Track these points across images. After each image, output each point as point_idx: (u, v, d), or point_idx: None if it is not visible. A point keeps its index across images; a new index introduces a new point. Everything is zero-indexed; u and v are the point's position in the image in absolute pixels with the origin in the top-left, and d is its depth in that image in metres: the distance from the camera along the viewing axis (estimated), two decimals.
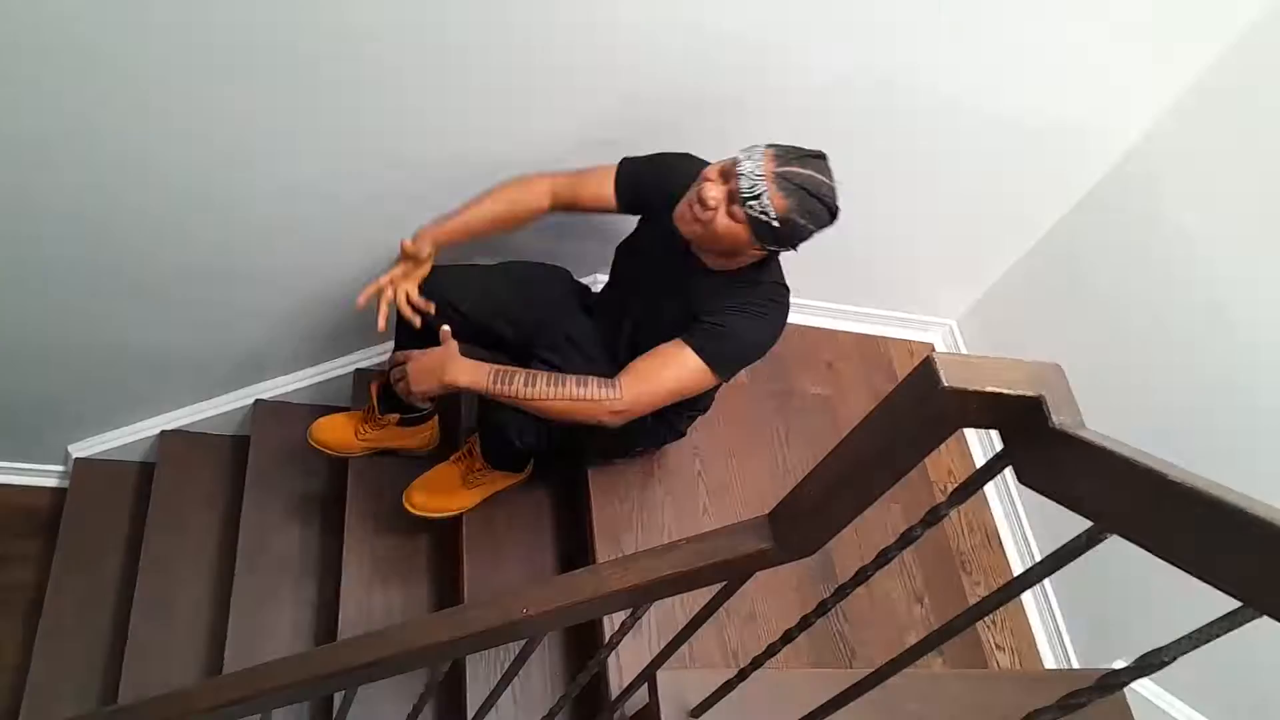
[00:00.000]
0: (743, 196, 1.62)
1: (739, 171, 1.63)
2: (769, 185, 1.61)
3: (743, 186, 1.62)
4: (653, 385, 1.78)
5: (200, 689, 1.57)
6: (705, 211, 1.67)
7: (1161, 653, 0.75)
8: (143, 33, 1.62)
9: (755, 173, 1.61)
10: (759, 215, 1.62)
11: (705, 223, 1.68)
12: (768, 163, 1.62)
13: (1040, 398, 0.75)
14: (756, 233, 1.66)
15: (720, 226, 1.67)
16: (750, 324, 1.80)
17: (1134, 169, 2.26)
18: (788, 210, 1.62)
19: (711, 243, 1.73)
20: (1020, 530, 2.54)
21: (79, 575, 2.67)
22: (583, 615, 1.24)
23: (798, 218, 1.63)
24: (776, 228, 1.64)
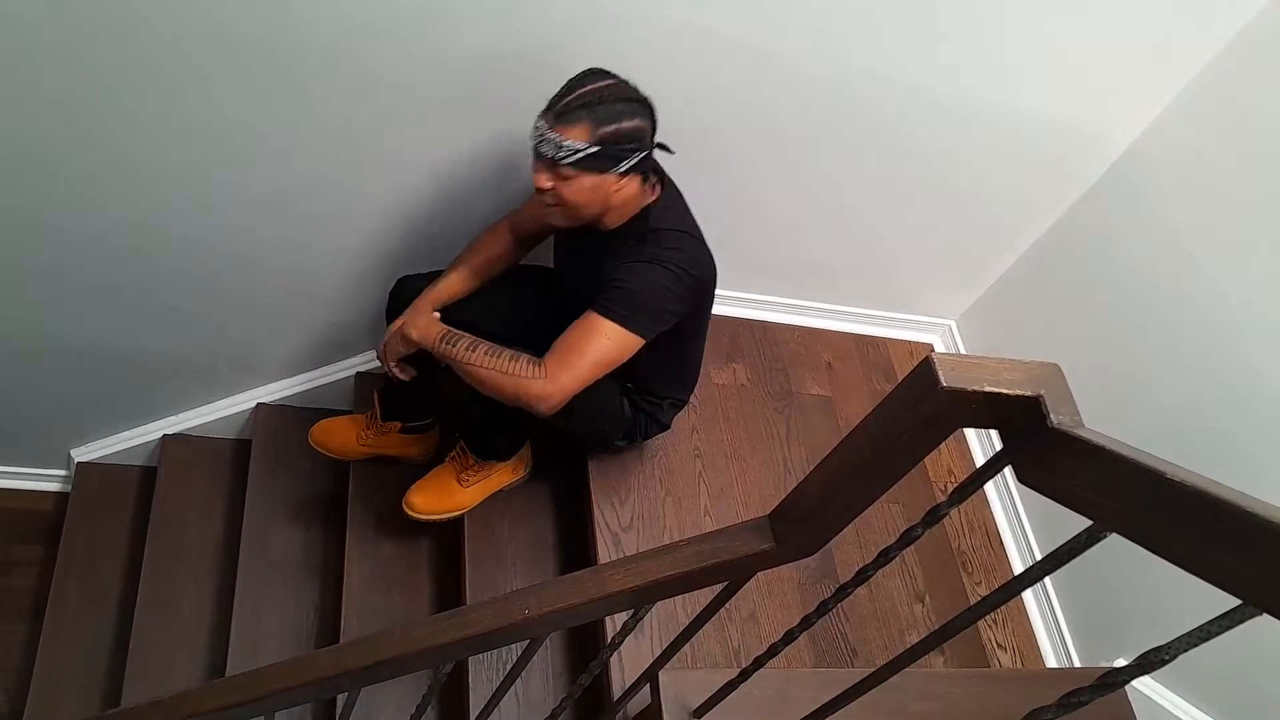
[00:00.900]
0: (551, 159, 1.65)
1: (534, 146, 1.67)
2: (558, 132, 1.63)
3: (545, 152, 1.65)
4: (574, 360, 1.75)
5: (203, 691, 1.57)
6: (550, 196, 1.71)
7: (1162, 651, 0.76)
8: (146, 34, 1.62)
9: (543, 134, 1.64)
10: (577, 157, 1.64)
11: (558, 204, 1.72)
12: (544, 120, 1.65)
13: (1039, 397, 0.76)
14: (598, 170, 1.67)
15: (569, 195, 1.70)
16: (650, 272, 1.77)
17: (1131, 169, 2.26)
18: (590, 131, 1.63)
19: (583, 212, 1.75)
20: (1020, 529, 2.54)
21: (82, 579, 2.67)
22: (584, 616, 1.24)
23: (605, 128, 1.64)
24: (600, 150, 1.64)
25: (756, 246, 2.45)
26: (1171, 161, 2.16)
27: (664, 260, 1.78)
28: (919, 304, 2.83)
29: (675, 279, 1.79)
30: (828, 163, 2.22)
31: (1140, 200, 2.24)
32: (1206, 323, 2.06)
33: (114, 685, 2.47)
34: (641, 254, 1.79)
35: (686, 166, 1.91)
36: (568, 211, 1.74)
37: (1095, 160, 2.31)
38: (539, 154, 1.67)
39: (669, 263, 1.78)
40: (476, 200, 2.14)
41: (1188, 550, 0.67)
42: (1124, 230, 2.29)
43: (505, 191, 2.13)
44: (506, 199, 2.13)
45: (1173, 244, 2.15)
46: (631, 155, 1.69)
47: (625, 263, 1.78)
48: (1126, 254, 2.28)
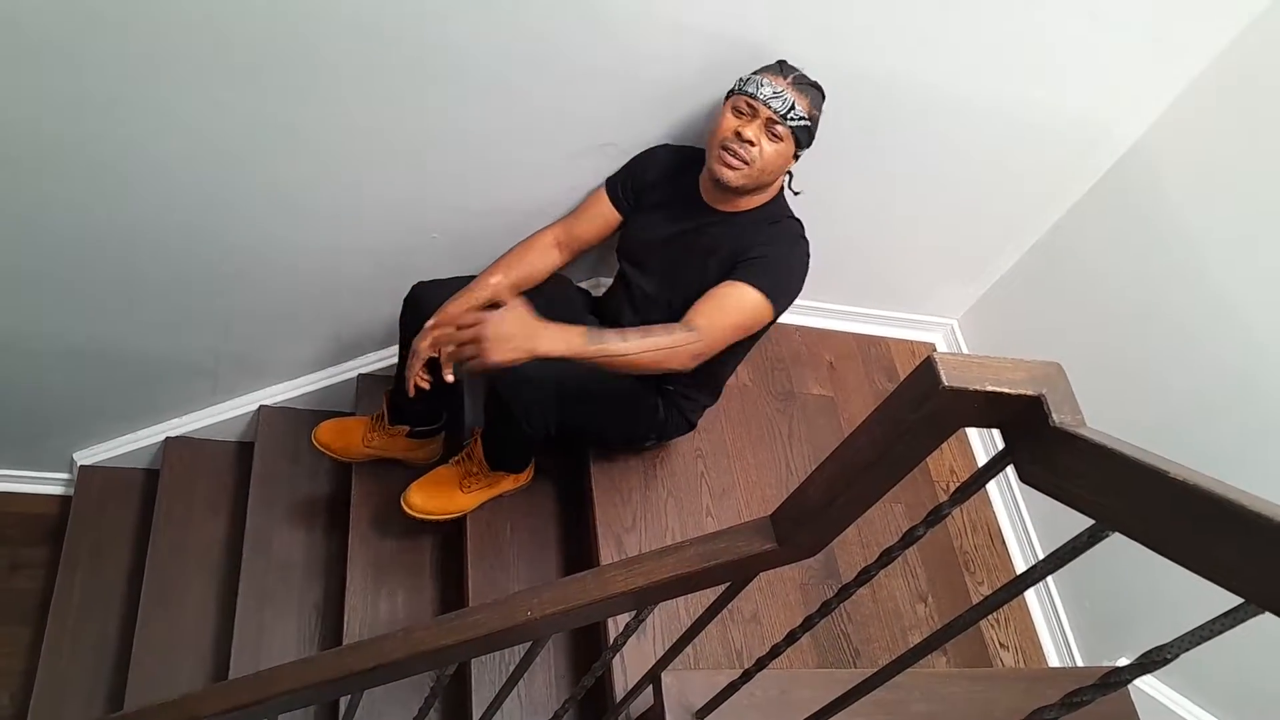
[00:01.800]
0: (784, 115, 1.78)
1: (763, 98, 1.78)
2: (794, 95, 1.79)
3: (778, 108, 1.78)
4: (720, 322, 1.83)
5: (206, 694, 1.57)
6: (751, 149, 1.80)
7: (1164, 650, 0.76)
8: (150, 31, 1.62)
9: (778, 91, 1.78)
10: (800, 124, 1.81)
11: (752, 160, 1.81)
12: (777, 79, 1.79)
13: (1041, 397, 0.76)
14: (799, 144, 1.84)
15: (769, 153, 1.82)
16: (790, 253, 1.92)
17: (1135, 166, 2.26)
18: (810, 106, 1.83)
19: (760, 175, 1.84)
20: (1023, 529, 2.54)
21: (85, 581, 2.67)
22: (587, 617, 1.24)
23: (816, 111, 1.85)
24: (810, 126, 1.84)
25: None
26: (1176, 159, 2.16)
27: (799, 244, 1.94)
28: (921, 303, 2.83)
29: (806, 265, 1.94)
30: (829, 161, 2.21)
31: (1144, 198, 2.23)
32: (1210, 321, 2.06)
33: (117, 688, 2.47)
34: (779, 234, 1.92)
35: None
36: (752, 171, 1.83)
37: (1099, 158, 2.30)
38: (764, 107, 1.77)
39: (801, 247, 1.95)
40: (488, 206, 2.14)
41: (1190, 549, 0.67)
42: (1128, 228, 2.29)
43: (515, 196, 2.13)
44: (518, 204, 2.14)
45: (1177, 242, 2.14)
46: (808, 145, 1.88)
47: (766, 240, 1.90)
48: (1130, 252, 2.28)
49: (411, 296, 2.09)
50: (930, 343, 2.93)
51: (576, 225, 2.11)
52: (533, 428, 1.91)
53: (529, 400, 1.88)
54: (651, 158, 2.06)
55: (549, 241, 2.10)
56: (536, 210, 2.16)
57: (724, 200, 1.94)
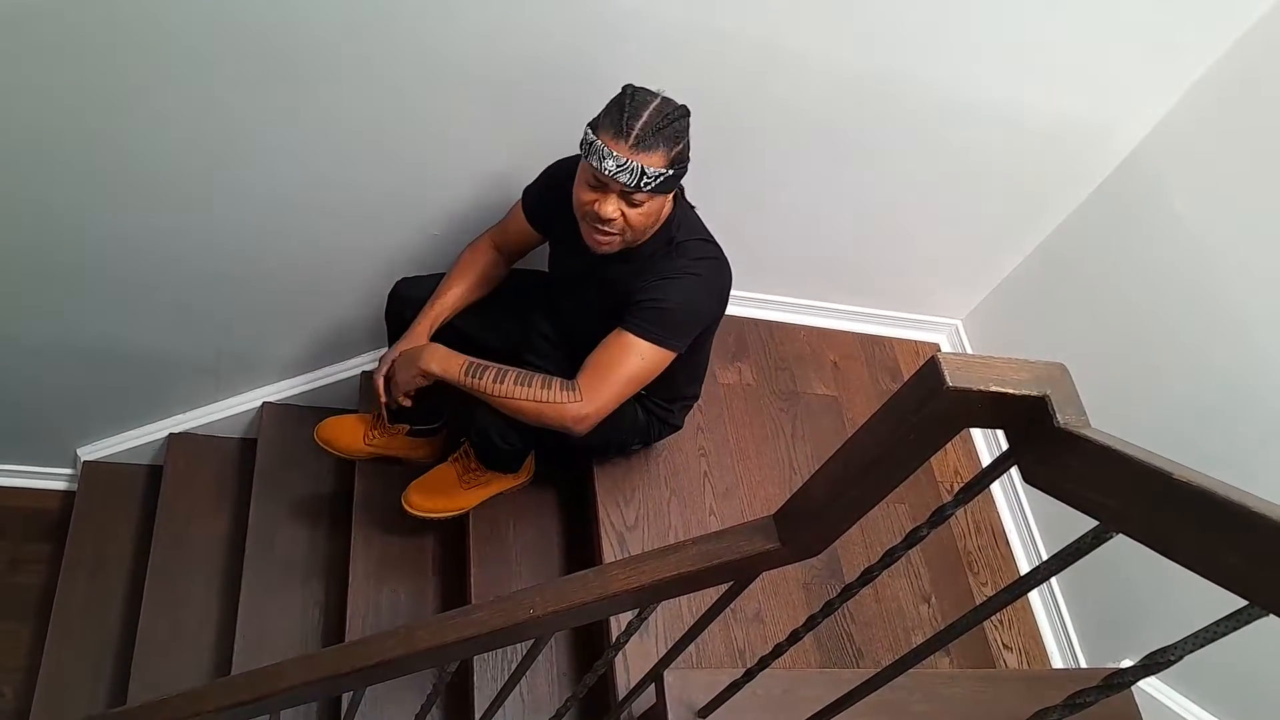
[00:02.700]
0: (632, 187, 1.63)
1: (608, 172, 1.61)
2: (639, 159, 1.61)
3: (626, 181, 1.62)
4: (610, 384, 1.77)
5: (209, 690, 1.57)
6: (616, 224, 1.70)
7: (1168, 651, 0.75)
8: (155, 35, 1.63)
9: (621, 163, 1.60)
10: (658, 180, 1.63)
11: (621, 231, 1.71)
12: (617, 145, 1.60)
13: (1045, 397, 0.76)
14: (665, 191, 1.69)
15: (636, 220, 1.70)
16: (683, 287, 1.78)
17: (1139, 168, 2.25)
18: (667, 155, 1.64)
19: (637, 236, 1.75)
20: (1027, 529, 2.54)
21: (88, 577, 2.68)
22: (589, 615, 1.24)
23: (675, 148, 1.65)
24: (674, 173, 1.67)
25: (763, 246, 2.45)
26: (1180, 160, 2.16)
27: (694, 272, 1.80)
28: (925, 303, 2.83)
29: (705, 291, 1.83)
30: (834, 162, 2.21)
31: (1148, 199, 2.23)
32: (1214, 322, 2.06)
33: (120, 683, 2.48)
34: (671, 268, 1.79)
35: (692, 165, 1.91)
36: (629, 238, 1.74)
37: (1103, 159, 2.30)
38: (613, 182, 1.63)
39: (703, 276, 1.81)
40: (483, 203, 2.14)
41: (1194, 551, 0.67)
42: (1132, 229, 2.28)
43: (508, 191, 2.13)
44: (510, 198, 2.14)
45: (1181, 242, 2.14)
46: (684, 171, 1.72)
47: (656, 279, 1.78)
48: (1134, 253, 2.28)
49: (394, 293, 2.11)
50: (935, 343, 2.92)
51: (506, 234, 2.06)
52: (508, 444, 1.93)
53: (500, 425, 1.89)
54: (562, 171, 1.91)
55: (487, 244, 2.07)
56: None
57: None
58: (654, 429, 2.15)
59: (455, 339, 1.99)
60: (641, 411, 2.08)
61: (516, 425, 1.87)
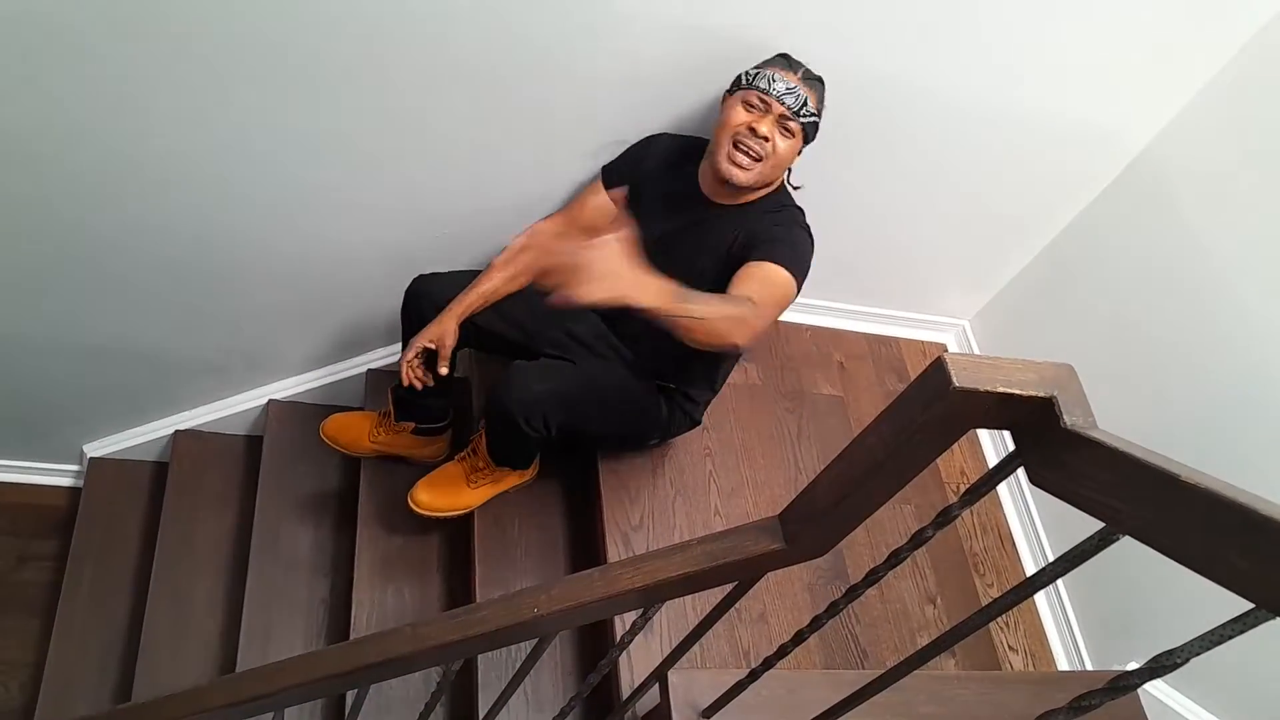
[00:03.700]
0: (796, 112, 1.78)
1: (776, 93, 1.76)
2: (806, 91, 1.79)
3: (791, 104, 1.77)
4: (769, 298, 1.76)
5: (214, 686, 1.57)
6: (765, 144, 1.78)
7: (1174, 654, 0.75)
8: (158, 35, 1.63)
9: (791, 87, 1.77)
10: (811, 120, 1.81)
11: (766, 156, 1.80)
12: (788, 74, 1.79)
13: (1052, 398, 0.75)
14: (807, 139, 1.85)
15: (783, 149, 1.81)
16: (802, 235, 1.89)
17: (1146, 170, 2.25)
18: (818, 101, 1.83)
19: (771, 173, 1.84)
20: (1033, 531, 2.53)
21: (94, 574, 2.68)
22: (594, 615, 1.24)
23: (822, 105, 1.85)
24: (818, 121, 1.84)
25: None
26: (1188, 162, 2.15)
27: (805, 227, 1.92)
28: (933, 304, 2.82)
29: (812, 247, 1.91)
30: (841, 162, 2.21)
31: (1156, 201, 2.23)
32: (1222, 323, 2.05)
33: (125, 680, 2.48)
34: (788, 220, 1.90)
35: None
36: (764, 168, 1.81)
37: (1111, 161, 2.29)
38: (777, 103, 1.76)
39: (808, 230, 1.92)
40: (494, 202, 2.14)
41: (1200, 553, 0.67)
42: (1139, 231, 2.28)
43: (524, 191, 2.14)
44: (524, 201, 2.14)
45: (1188, 244, 2.13)
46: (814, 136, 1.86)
47: (777, 225, 1.87)
48: (1142, 255, 2.27)
49: (412, 290, 2.10)
50: (941, 343, 2.92)
51: (579, 216, 2.07)
52: (533, 429, 1.91)
53: (528, 402, 1.87)
54: (649, 146, 2.03)
55: (551, 232, 2.07)
56: (543, 204, 2.16)
57: (727, 195, 1.90)
58: (675, 423, 2.16)
59: (473, 332, 2.01)
60: (665, 404, 2.09)
61: (545, 409, 1.87)
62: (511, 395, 1.88)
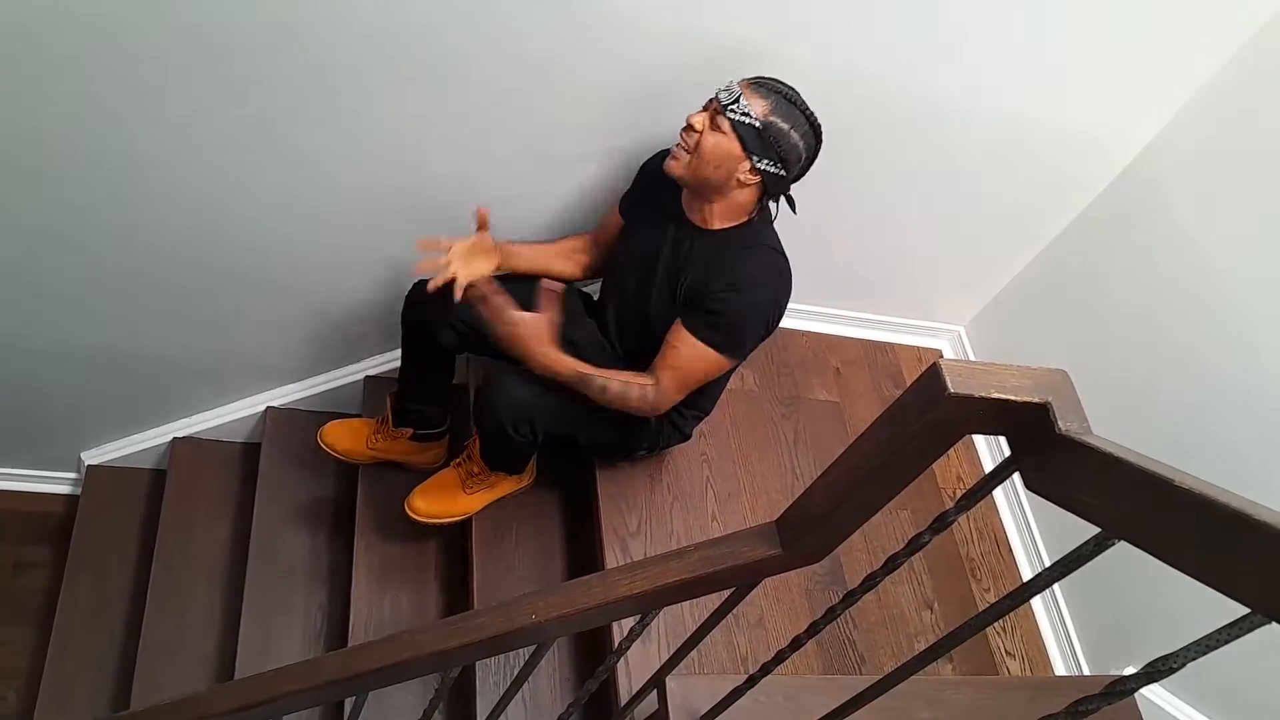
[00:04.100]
0: (722, 104, 1.71)
1: (717, 93, 1.73)
2: (744, 90, 1.72)
3: (723, 99, 1.71)
4: (684, 379, 1.89)
5: (212, 694, 1.57)
6: (691, 135, 1.75)
7: (1171, 659, 0.75)
8: (155, 40, 1.63)
9: (732, 87, 1.72)
10: (741, 118, 1.71)
11: (692, 149, 1.75)
12: (742, 84, 1.74)
13: (1047, 404, 0.76)
14: (744, 142, 1.72)
15: (708, 145, 1.74)
16: (750, 303, 1.83)
17: (1140, 176, 2.25)
18: (768, 112, 1.72)
19: (706, 170, 1.77)
20: (1030, 536, 2.53)
21: (91, 581, 2.68)
22: (592, 621, 1.24)
23: (780, 121, 1.72)
24: (762, 132, 1.71)
25: None
26: (1182, 167, 2.16)
27: (763, 284, 1.85)
28: (928, 309, 2.83)
29: (769, 306, 1.87)
30: (836, 168, 2.21)
31: (1151, 206, 2.23)
32: (1217, 329, 2.06)
33: (123, 687, 2.48)
34: (742, 273, 1.83)
35: None
36: (693, 163, 1.77)
37: (1106, 166, 2.30)
38: (715, 98, 1.73)
39: (769, 287, 1.86)
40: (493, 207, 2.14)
41: (1196, 558, 0.67)
42: (1134, 236, 2.29)
43: (518, 201, 2.14)
44: (519, 209, 2.14)
45: (1184, 250, 2.14)
46: (774, 163, 1.76)
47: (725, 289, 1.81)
48: (1137, 260, 2.28)
49: (413, 294, 2.11)
50: (937, 349, 2.92)
51: (598, 233, 2.16)
52: (520, 435, 1.93)
53: (515, 408, 1.89)
54: (648, 165, 2.03)
55: (575, 247, 2.17)
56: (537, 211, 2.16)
57: (694, 210, 1.89)
58: (664, 436, 2.16)
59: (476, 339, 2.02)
60: (656, 419, 2.09)
61: (531, 416, 1.89)
62: (499, 402, 1.90)
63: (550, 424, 1.94)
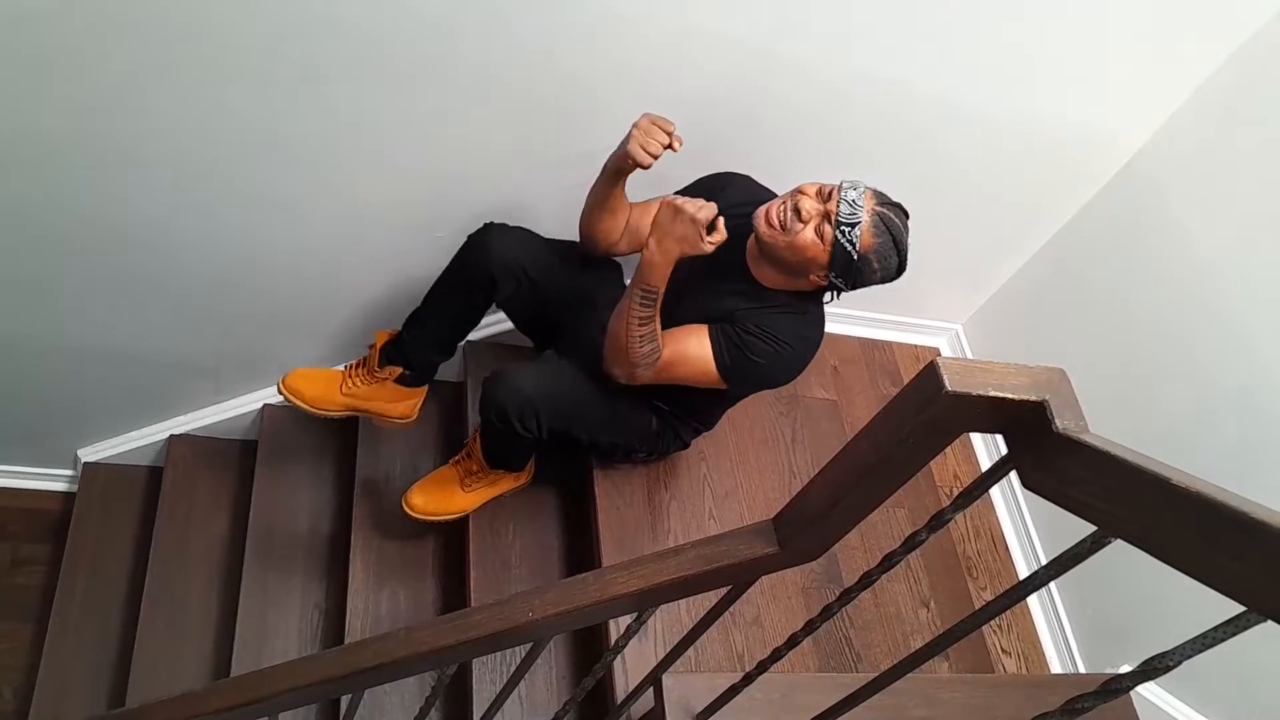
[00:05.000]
0: (839, 220, 1.67)
1: (843, 197, 1.67)
2: (866, 218, 1.67)
3: (843, 212, 1.67)
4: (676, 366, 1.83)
5: (208, 691, 1.57)
6: (796, 222, 1.71)
7: (1166, 657, 0.76)
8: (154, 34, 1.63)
9: (858, 202, 1.67)
10: (846, 243, 1.68)
11: (790, 232, 1.71)
12: (869, 200, 1.69)
13: (1044, 402, 0.76)
14: (834, 258, 1.70)
15: (803, 240, 1.71)
16: (776, 354, 1.83)
17: (1138, 174, 2.26)
18: (871, 249, 1.69)
19: (785, 252, 1.74)
20: (1026, 535, 2.54)
21: (88, 578, 2.67)
22: (588, 619, 1.24)
23: (875, 260, 1.70)
24: (854, 261, 1.69)
25: None
26: (1179, 168, 2.16)
27: (794, 349, 1.84)
28: (926, 308, 2.83)
29: (786, 367, 1.88)
30: (834, 167, 2.21)
31: (1149, 204, 2.23)
32: (1215, 328, 2.06)
33: (119, 685, 2.47)
34: (783, 323, 1.83)
35: (693, 167, 1.92)
36: (782, 242, 1.73)
37: (1104, 164, 2.30)
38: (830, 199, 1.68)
39: (796, 352, 1.86)
40: (487, 206, 2.14)
41: (1192, 556, 0.67)
42: (1133, 235, 2.29)
43: (518, 197, 2.14)
44: (520, 205, 2.14)
45: (1182, 248, 2.14)
46: (848, 286, 1.76)
47: (763, 323, 1.81)
48: (1135, 258, 2.28)
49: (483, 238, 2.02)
50: (935, 347, 2.92)
51: (637, 217, 1.99)
52: (526, 429, 1.91)
53: (520, 403, 1.88)
54: (732, 182, 1.95)
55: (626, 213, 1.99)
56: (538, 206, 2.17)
57: (759, 266, 1.85)
58: (664, 441, 2.16)
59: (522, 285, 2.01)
60: (656, 420, 2.09)
61: (536, 408, 1.88)
62: (505, 392, 1.88)
63: (554, 419, 1.92)
